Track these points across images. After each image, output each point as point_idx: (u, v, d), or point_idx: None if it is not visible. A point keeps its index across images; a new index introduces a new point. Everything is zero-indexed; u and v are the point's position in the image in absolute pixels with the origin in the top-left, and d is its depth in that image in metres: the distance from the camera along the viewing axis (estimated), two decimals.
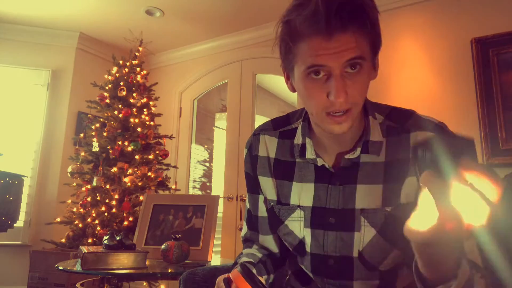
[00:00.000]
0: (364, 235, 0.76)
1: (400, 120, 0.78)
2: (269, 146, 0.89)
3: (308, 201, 0.81)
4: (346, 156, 0.76)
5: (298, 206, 0.82)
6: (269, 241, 0.92)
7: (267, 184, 0.88)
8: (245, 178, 0.95)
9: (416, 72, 2.71)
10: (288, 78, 0.78)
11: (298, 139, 0.83)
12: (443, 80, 2.61)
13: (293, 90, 0.77)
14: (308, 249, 0.82)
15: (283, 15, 0.71)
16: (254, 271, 0.86)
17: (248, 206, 0.96)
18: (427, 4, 2.75)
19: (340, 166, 0.78)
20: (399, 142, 0.76)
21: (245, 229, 0.97)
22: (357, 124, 0.76)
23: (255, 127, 0.93)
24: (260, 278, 0.81)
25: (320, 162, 0.79)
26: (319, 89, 0.69)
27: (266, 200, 0.90)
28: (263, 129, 0.91)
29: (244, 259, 0.90)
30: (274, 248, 0.92)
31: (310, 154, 0.80)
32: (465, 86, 2.52)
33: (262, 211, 0.91)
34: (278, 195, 0.86)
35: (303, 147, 0.81)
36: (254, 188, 0.92)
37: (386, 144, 0.77)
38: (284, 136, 0.87)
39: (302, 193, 0.82)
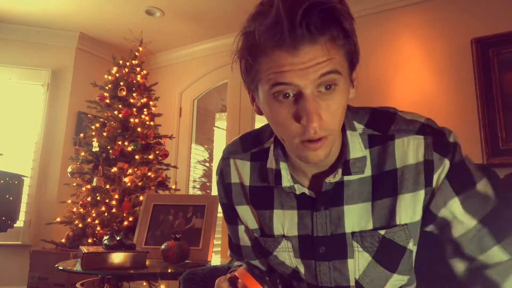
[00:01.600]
0: (359, 262, 0.68)
1: (382, 126, 0.68)
2: (241, 172, 0.78)
3: (293, 230, 0.72)
4: (327, 180, 0.67)
5: (283, 236, 0.74)
6: (256, 263, 0.87)
7: (246, 213, 0.79)
8: (221, 207, 0.86)
9: (416, 72, 2.71)
10: (253, 100, 0.67)
11: (271, 163, 0.72)
12: (443, 80, 2.60)
13: (260, 113, 0.66)
14: (303, 277, 0.75)
15: (242, 26, 0.61)
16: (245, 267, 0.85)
17: (228, 232, 0.88)
18: (427, 4, 2.75)
19: (321, 190, 0.68)
20: (384, 151, 0.66)
21: (229, 252, 0.93)
22: (336, 144, 0.67)
23: (228, 144, 0.84)
24: None
25: (298, 189, 0.69)
26: (288, 113, 0.58)
27: (248, 230, 0.81)
28: (232, 151, 0.80)
29: (237, 263, 0.88)
30: (262, 267, 0.87)
31: (286, 181, 0.70)
32: (465, 86, 2.52)
33: (245, 240, 0.84)
34: (261, 224, 0.77)
35: (277, 173, 0.70)
36: (232, 218, 0.84)
37: (371, 156, 0.67)
38: (256, 159, 0.77)
39: (286, 222, 0.73)
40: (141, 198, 2.78)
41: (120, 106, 2.96)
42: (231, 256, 0.93)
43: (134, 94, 3.02)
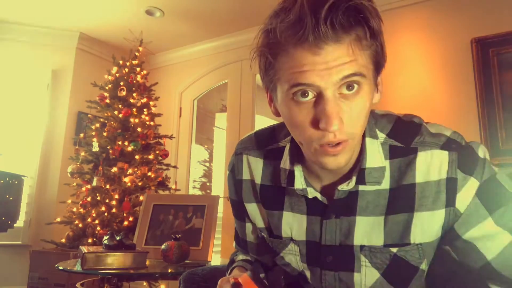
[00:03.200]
0: (366, 277, 0.65)
1: (405, 138, 0.63)
2: (253, 169, 0.76)
3: (301, 235, 0.70)
4: (339, 187, 0.63)
5: (291, 239, 0.71)
6: (261, 259, 0.86)
7: (255, 212, 0.77)
8: (230, 202, 0.84)
9: (416, 72, 2.71)
10: (271, 100, 0.64)
11: (285, 163, 0.69)
12: (443, 80, 2.60)
13: (278, 115, 0.63)
14: (310, 281, 0.74)
15: (264, 22, 0.58)
16: (248, 267, 0.84)
17: (235, 226, 0.88)
18: (427, 4, 2.75)
19: (334, 198, 0.65)
20: (406, 165, 0.62)
21: (234, 243, 0.93)
22: (353, 150, 0.62)
23: (242, 139, 0.82)
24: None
25: (311, 193, 0.66)
26: (307, 115, 0.55)
27: (255, 229, 0.81)
28: (246, 147, 0.78)
29: (241, 257, 0.88)
30: (268, 262, 0.86)
31: (299, 183, 0.66)
32: (465, 86, 2.52)
33: (251, 237, 0.84)
34: (269, 225, 0.75)
35: (291, 174, 0.67)
36: (240, 215, 0.82)
37: (390, 168, 0.63)
38: (270, 157, 0.74)
39: (294, 225, 0.71)
40: (141, 198, 2.78)
41: (120, 106, 2.96)
42: (236, 247, 0.93)
43: (134, 94, 3.02)
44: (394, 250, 0.63)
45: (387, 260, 0.63)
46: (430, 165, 0.60)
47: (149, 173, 2.93)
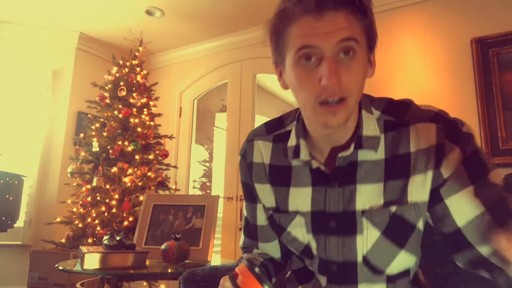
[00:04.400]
0: (368, 238, 0.71)
1: (397, 113, 0.72)
2: (263, 152, 0.83)
3: (306, 206, 0.76)
4: (340, 155, 0.70)
5: (297, 212, 0.78)
6: (269, 248, 0.89)
7: (264, 191, 0.83)
8: (241, 186, 0.91)
9: (416, 72, 2.71)
10: (280, 76, 0.74)
11: (291, 141, 0.78)
12: (443, 80, 2.61)
13: (286, 87, 0.73)
14: (315, 252, 0.78)
15: (275, 9, 0.69)
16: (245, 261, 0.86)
17: (245, 214, 0.92)
18: (427, 4, 2.75)
19: (336, 166, 0.72)
20: (398, 136, 0.71)
21: (243, 238, 0.94)
22: (352, 122, 0.72)
23: (253, 129, 0.89)
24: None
25: (314, 164, 0.74)
26: (310, 76, 0.64)
27: (264, 208, 0.86)
28: (257, 134, 0.86)
29: (246, 256, 0.90)
30: (275, 254, 0.89)
31: (304, 155, 0.75)
32: (465, 86, 2.52)
33: (261, 220, 0.87)
34: (277, 202, 0.81)
35: (297, 148, 0.76)
36: (251, 197, 0.88)
37: (385, 140, 0.71)
38: (278, 140, 0.82)
39: (300, 198, 0.77)
40: (141, 198, 2.78)
41: (120, 106, 2.96)
42: (243, 246, 0.93)
43: (134, 94, 3.02)
44: (393, 209, 0.70)
45: (386, 218, 0.70)
46: (421, 135, 0.69)
47: (149, 173, 2.93)
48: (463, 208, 0.64)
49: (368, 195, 0.71)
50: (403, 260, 0.72)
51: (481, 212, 0.63)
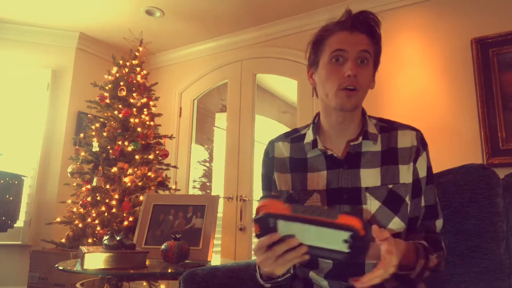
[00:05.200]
0: (371, 207, 0.93)
1: (389, 122, 1.04)
2: (283, 149, 1.07)
3: (322, 185, 0.97)
4: (352, 143, 0.98)
5: (314, 190, 0.98)
6: None
7: (283, 180, 1.04)
8: (262, 180, 1.11)
9: (416, 72, 2.71)
10: (311, 76, 1.03)
11: (309, 138, 1.04)
12: (443, 80, 2.61)
13: (314, 84, 1.02)
14: None
15: (319, 29, 1.01)
16: None
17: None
18: (427, 4, 2.75)
19: (347, 152, 0.98)
20: (390, 136, 1.00)
21: None
22: (358, 122, 1.00)
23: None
24: None
25: (329, 152, 0.99)
26: (338, 70, 0.93)
27: (283, 192, 1.04)
28: (276, 139, 1.12)
29: None
30: None
31: (320, 145, 1.00)
32: (465, 86, 2.52)
33: None
34: (294, 185, 1.02)
35: (314, 141, 1.01)
36: (269, 186, 1.08)
37: (381, 138, 1.00)
38: (295, 141, 1.07)
39: (316, 180, 0.99)
40: (141, 198, 2.78)
41: (120, 106, 2.96)
42: None
43: (134, 94, 3.01)
44: (390, 186, 0.95)
45: (385, 193, 0.94)
46: (406, 137, 0.99)
47: (149, 173, 2.93)
48: (428, 194, 1.00)
49: (369, 177, 0.95)
50: (397, 224, 0.93)
51: (423, 206, 1.00)
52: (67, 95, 3.51)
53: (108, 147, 2.83)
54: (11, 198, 2.41)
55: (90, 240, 2.59)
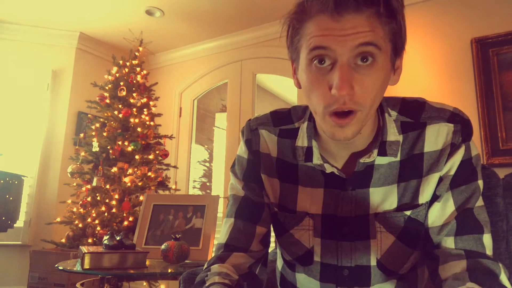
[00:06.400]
0: (381, 242, 0.68)
1: (414, 114, 0.69)
2: (269, 144, 0.76)
3: (317, 208, 0.72)
4: (361, 160, 0.66)
5: (307, 213, 0.72)
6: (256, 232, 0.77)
7: (271, 185, 0.77)
8: (237, 182, 0.79)
9: (416, 72, 2.71)
10: (294, 72, 0.68)
11: (302, 141, 0.72)
12: (443, 80, 2.61)
13: (299, 85, 0.67)
14: (317, 258, 0.74)
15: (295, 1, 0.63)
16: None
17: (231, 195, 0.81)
18: (427, 4, 2.75)
19: (354, 170, 0.68)
20: (416, 137, 0.68)
21: (227, 230, 0.76)
22: (371, 123, 0.66)
23: (256, 116, 0.81)
24: None
25: (328, 168, 0.68)
26: (322, 81, 0.58)
27: (269, 204, 0.78)
28: (262, 123, 0.78)
29: (216, 278, 0.66)
30: (256, 248, 0.76)
31: (316, 159, 0.69)
32: (465, 86, 2.52)
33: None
34: (281, 199, 0.75)
35: (308, 150, 0.70)
36: (252, 189, 0.78)
37: (403, 141, 0.68)
38: (285, 135, 0.75)
39: (310, 199, 0.72)
40: (141, 198, 2.78)
41: (120, 106, 2.96)
42: (226, 243, 0.75)
43: (134, 94, 3.02)
44: (408, 213, 0.67)
45: (401, 223, 0.67)
46: (438, 135, 0.67)
47: (149, 173, 2.93)
48: (440, 207, 0.67)
49: (381, 198, 0.68)
50: (415, 259, 0.71)
51: (450, 213, 0.66)
52: (67, 95, 3.51)
53: (108, 147, 2.83)
54: (11, 198, 2.41)
55: (90, 240, 2.59)
